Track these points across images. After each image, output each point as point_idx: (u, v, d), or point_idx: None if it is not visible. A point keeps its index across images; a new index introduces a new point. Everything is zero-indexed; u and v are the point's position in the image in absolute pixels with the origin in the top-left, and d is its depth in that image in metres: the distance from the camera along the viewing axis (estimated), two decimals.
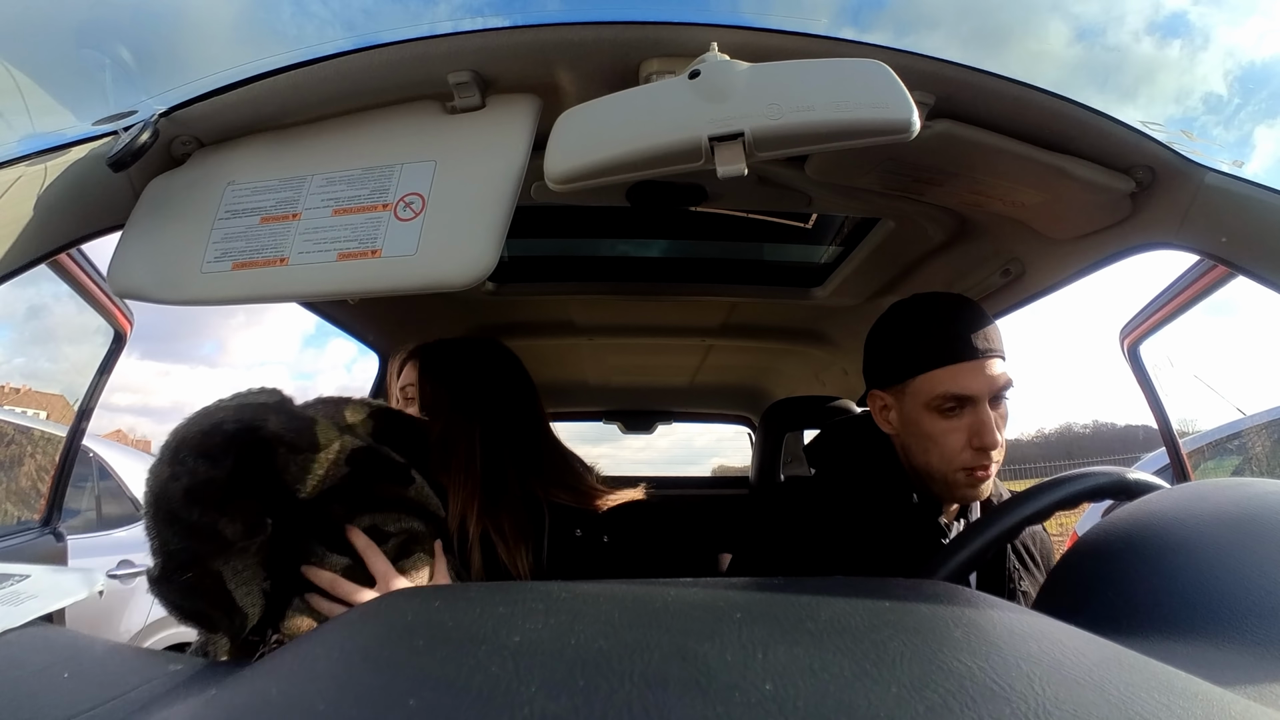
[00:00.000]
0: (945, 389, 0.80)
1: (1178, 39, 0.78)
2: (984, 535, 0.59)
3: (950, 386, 0.80)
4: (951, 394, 0.80)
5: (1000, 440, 0.79)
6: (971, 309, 0.84)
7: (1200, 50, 0.78)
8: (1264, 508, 0.35)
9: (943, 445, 0.81)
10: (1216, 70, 0.78)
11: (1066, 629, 0.25)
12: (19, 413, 2.93)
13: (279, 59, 0.72)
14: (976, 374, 0.79)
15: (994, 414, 0.80)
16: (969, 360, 0.79)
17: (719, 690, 0.19)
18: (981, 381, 0.79)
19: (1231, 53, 0.77)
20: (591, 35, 0.69)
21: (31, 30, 0.72)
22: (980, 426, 0.79)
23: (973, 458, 0.80)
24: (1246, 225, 0.76)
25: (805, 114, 0.53)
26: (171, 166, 0.79)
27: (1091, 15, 0.78)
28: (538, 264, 1.50)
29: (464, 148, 0.71)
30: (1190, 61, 0.79)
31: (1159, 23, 0.78)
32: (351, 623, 0.25)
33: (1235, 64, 0.77)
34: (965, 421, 0.80)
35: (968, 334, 0.81)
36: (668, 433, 2.89)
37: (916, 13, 0.76)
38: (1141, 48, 0.77)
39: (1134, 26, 0.77)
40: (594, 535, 0.88)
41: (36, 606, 0.35)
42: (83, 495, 2.65)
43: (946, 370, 0.80)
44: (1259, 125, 0.77)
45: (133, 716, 0.23)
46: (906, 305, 0.88)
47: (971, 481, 0.81)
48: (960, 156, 0.83)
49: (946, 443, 0.81)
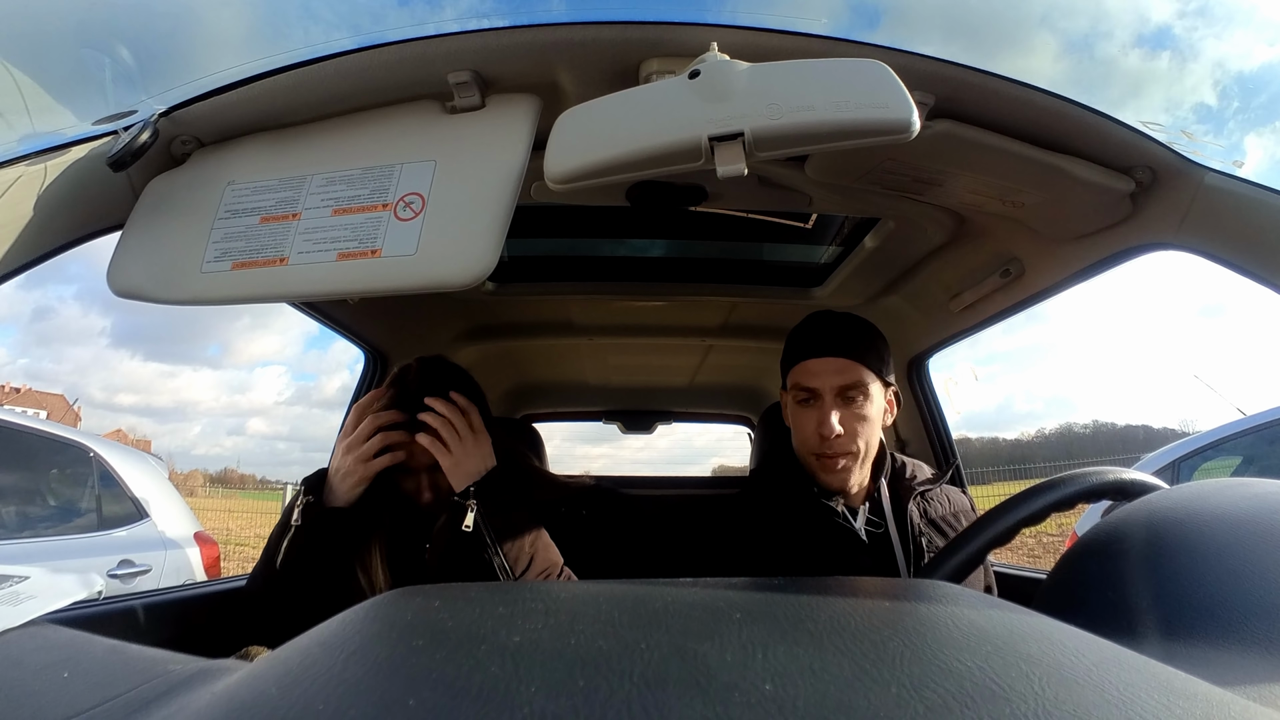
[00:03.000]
0: (796, 380, 0.94)
1: (1166, 50, 0.78)
2: (983, 535, 0.58)
3: (800, 378, 0.93)
4: (801, 385, 0.93)
5: (836, 432, 0.88)
6: (836, 320, 0.96)
7: (1189, 61, 0.78)
8: (1264, 508, 0.35)
9: (799, 432, 0.95)
10: (1205, 81, 0.79)
11: (1066, 629, 0.25)
12: (19, 412, 2.93)
13: (279, 59, 0.72)
14: (820, 369, 0.91)
15: (844, 410, 0.90)
16: (814, 357, 0.92)
17: (719, 690, 0.19)
18: (823, 376, 0.91)
19: (1220, 63, 0.78)
20: (591, 35, 0.69)
21: (31, 30, 0.72)
22: (821, 417, 0.90)
23: (819, 444, 0.91)
24: (1246, 225, 0.76)
25: (805, 114, 0.53)
26: (171, 166, 0.79)
27: (1079, 29, 0.78)
28: (538, 264, 1.50)
29: (464, 148, 0.71)
30: (1180, 72, 0.79)
31: (1146, 35, 0.78)
32: (351, 622, 0.25)
33: (1224, 73, 0.78)
34: (814, 412, 0.91)
35: (819, 336, 0.94)
36: (668, 433, 2.89)
37: (917, 12, 0.76)
38: (1129, 60, 0.77)
39: (1122, 40, 0.78)
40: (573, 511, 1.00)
41: (36, 606, 0.35)
42: (83, 495, 2.65)
43: (799, 365, 0.94)
44: (1248, 134, 0.78)
45: (133, 716, 0.23)
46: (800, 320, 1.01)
47: (824, 466, 0.92)
48: (960, 156, 0.83)
49: (800, 430, 0.94)
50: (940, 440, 1.59)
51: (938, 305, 1.38)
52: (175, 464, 42.54)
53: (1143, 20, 0.78)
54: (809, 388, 0.92)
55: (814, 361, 0.92)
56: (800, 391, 0.93)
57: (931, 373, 1.61)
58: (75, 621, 0.78)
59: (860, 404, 0.91)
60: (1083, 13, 0.78)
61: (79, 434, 2.82)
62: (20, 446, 2.57)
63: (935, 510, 0.98)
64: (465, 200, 0.67)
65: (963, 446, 1.71)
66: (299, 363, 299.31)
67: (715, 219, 1.24)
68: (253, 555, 8.36)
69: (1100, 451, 24.10)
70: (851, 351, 0.91)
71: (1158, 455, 3.34)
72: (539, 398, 2.52)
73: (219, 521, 10.92)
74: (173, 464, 33.49)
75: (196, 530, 2.95)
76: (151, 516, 2.75)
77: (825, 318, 0.97)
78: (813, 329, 0.96)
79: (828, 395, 0.90)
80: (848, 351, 0.91)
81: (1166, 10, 0.79)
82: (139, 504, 2.74)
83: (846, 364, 0.91)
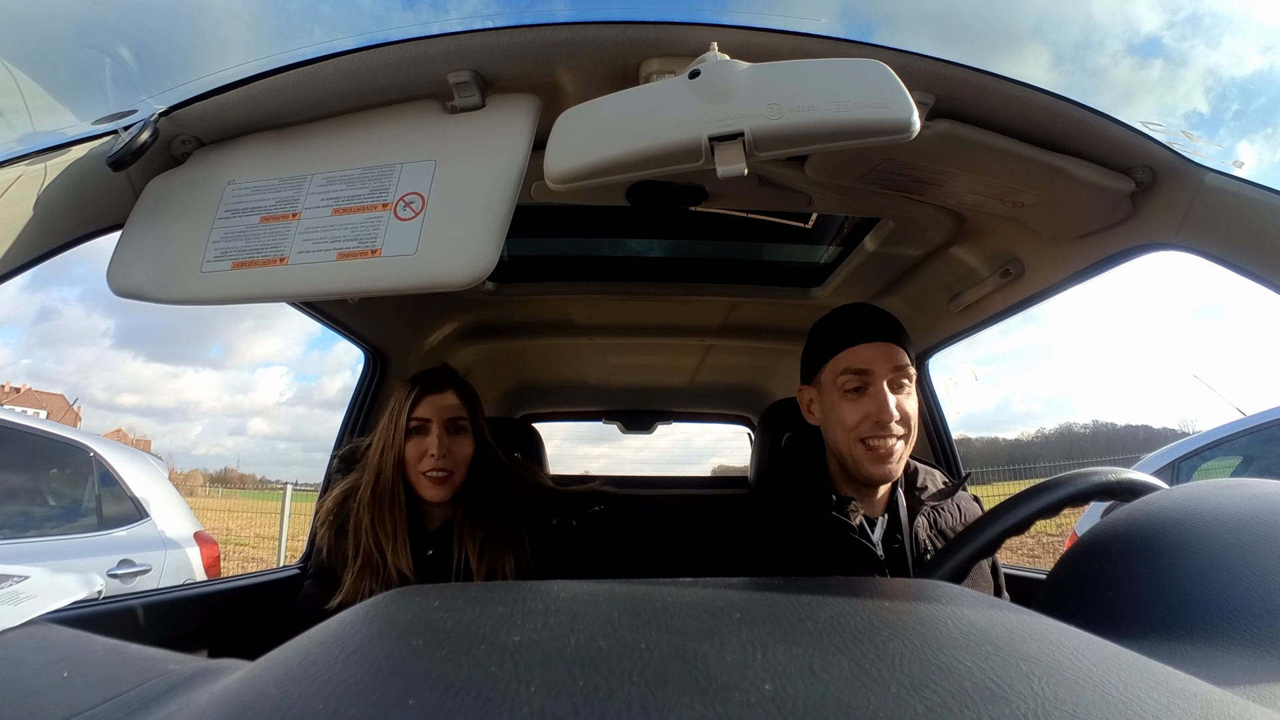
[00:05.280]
0: (845, 366, 0.91)
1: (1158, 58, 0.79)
2: (983, 535, 0.59)
3: (849, 362, 0.91)
4: (850, 369, 0.90)
5: (895, 415, 0.87)
6: (873, 309, 0.96)
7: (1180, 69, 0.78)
8: (1264, 509, 0.35)
9: (846, 421, 0.91)
10: (1197, 88, 0.79)
11: (1066, 629, 0.25)
12: (19, 412, 2.93)
13: (279, 58, 0.72)
14: (872, 352, 0.90)
15: (895, 397, 0.89)
16: (865, 342, 0.91)
17: (718, 690, 0.19)
18: (876, 358, 0.90)
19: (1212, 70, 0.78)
20: (591, 35, 0.69)
21: (31, 30, 0.72)
22: (877, 401, 0.88)
23: (871, 429, 0.88)
24: (1246, 226, 0.76)
25: (805, 114, 0.52)
26: (171, 166, 0.79)
27: (1070, 40, 0.78)
28: (538, 264, 1.50)
29: (464, 147, 0.71)
30: (1171, 80, 0.79)
31: (1138, 45, 0.78)
32: (351, 622, 0.25)
33: (1215, 81, 0.78)
34: (865, 398, 0.90)
35: (865, 322, 0.93)
36: (667, 433, 2.89)
37: (917, 13, 0.76)
38: (1120, 70, 0.77)
39: (1113, 49, 0.78)
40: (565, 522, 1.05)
41: (36, 606, 0.35)
42: (83, 495, 2.65)
43: (847, 352, 0.92)
44: (1240, 141, 0.78)
45: (133, 716, 0.23)
46: (827, 313, 1.00)
47: (874, 456, 0.89)
48: (960, 156, 0.83)
49: (848, 419, 0.90)
50: (940, 440, 1.59)
51: (938, 305, 1.38)
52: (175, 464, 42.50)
53: (1133, 31, 0.78)
54: (863, 370, 0.89)
55: (865, 347, 0.90)
56: (850, 377, 0.90)
57: (931, 373, 1.61)
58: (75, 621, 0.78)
59: (908, 388, 0.90)
60: (1073, 22, 0.78)
61: (79, 433, 2.81)
62: (20, 446, 2.57)
63: (945, 521, 0.96)
64: (465, 200, 0.67)
65: (963, 446, 1.71)
66: (301, 363, 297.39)
67: (715, 219, 1.24)
68: (253, 555, 8.34)
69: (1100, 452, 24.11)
70: (896, 337, 0.91)
71: (1158, 455, 3.34)
72: (539, 398, 2.53)
73: (219, 521, 10.91)
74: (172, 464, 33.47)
75: (196, 530, 2.94)
76: (151, 516, 2.75)
77: (860, 308, 0.96)
78: (854, 316, 0.94)
79: (883, 379, 0.89)
80: (893, 336, 0.91)
81: (1155, 21, 0.79)
82: (139, 504, 2.74)
83: (894, 348, 0.90)
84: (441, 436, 1.05)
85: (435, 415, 1.06)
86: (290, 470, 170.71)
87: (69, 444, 2.71)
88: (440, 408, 1.06)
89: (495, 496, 1.11)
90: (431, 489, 1.04)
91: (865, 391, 0.90)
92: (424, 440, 1.04)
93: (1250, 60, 0.79)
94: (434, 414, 1.06)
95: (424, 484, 1.04)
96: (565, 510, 1.13)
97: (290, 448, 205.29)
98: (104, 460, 2.73)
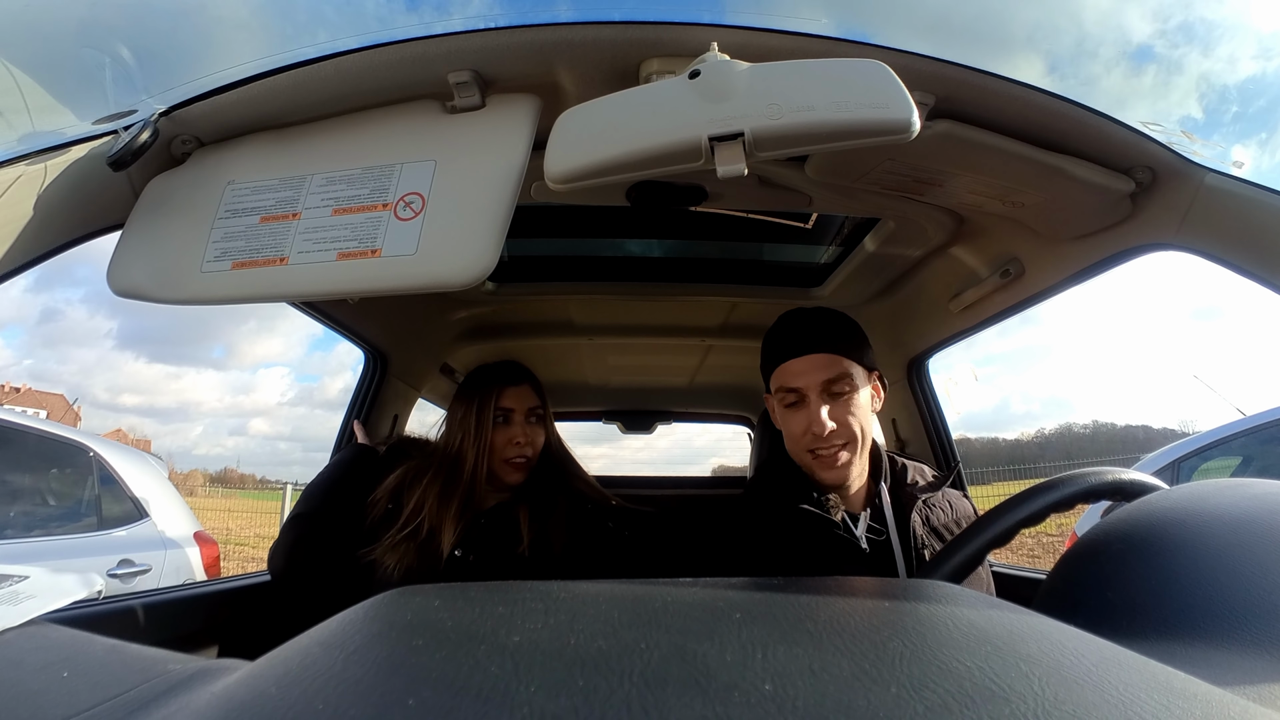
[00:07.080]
0: (779, 384, 0.92)
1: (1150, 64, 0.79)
2: (983, 535, 0.58)
3: (783, 381, 0.92)
4: (785, 387, 0.91)
5: (828, 428, 0.88)
6: (809, 317, 0.94)
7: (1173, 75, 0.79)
8: (1264, 509, 0.35)
9: (791, 434, 0.93)
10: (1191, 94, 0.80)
11: (1066, 629, 0.25)
12: (19, 411, 2.93)
13: (278, 58, 0.72)
14: (801, 369, 0.90)
15: (833, 404, 0.89)
16: (793, 357, 0.91)
17: (718, 690, 0.19)
18: (806, 375, 0.90)
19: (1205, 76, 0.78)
20: (591, 35, 0.69)
21: (31, 30, 0.72)
22: (811, 416, 0.89)
23: (812, 441, 0.90)
24: (1246, 226, 0.76)
25: (805, 114, 0.52)
26: (171, 166, 0.79)
27: (1063, 48, 0.78)
28: (538, 264, 1.50)
29: (464, 147, 0.71)
30: (1165, 86, 0.80)
31: (1130, 52, 0.78)
32: (351, 622, 0.25)
33: (1209, 87, 0.78)
34: (803, 412, 0.90)
35: (795, 336, 0.92)
36: (667, 433, 2.89)
37: (917, 13, 0.76)
38: (1113, 77, 0.77)
39: (1106, 57, 0.78)
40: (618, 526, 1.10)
41: (36, 606, 0.35)
42: (82, 495, 2.65)
43: (780, 368, 0.92)
44: (1235, 145, 0.78)
45: (133, 716, 0.23)
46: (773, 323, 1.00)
47: (822, 464, 0.90)
48: (960, 156, 0.83)
49: (792, 432, 0.92)
50: (940, 440, 1.58)
51: (938, 305, 1.38)
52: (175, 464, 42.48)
53: (1125, 39, 0.78)
54: (793, 388, 0.91)
55: (794, 362, 0.91)
56: (786, 394, 0.92)
57: (931, 373, 1.61)
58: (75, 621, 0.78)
59: (848, 395, 0.90)
60: (1066, 30, 0.79)
61: (79, 433, 2.81)
62: (20, 446, 2.57)
63: (938, 518, 0.96)
64: (465, 200, 0.67)
65: (962, 447, 1.71)
66: (303, 364, 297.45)
67: (715, 219, 1.24)
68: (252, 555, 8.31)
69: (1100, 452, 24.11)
70: (829, 345, 0.90)
71: (1158, 455, 3.34)
72: None
73: (219, 521, 10.92)
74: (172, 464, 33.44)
75: (196, 530, 2.94)
76: (151, 516, 2.75)
77: (796, 316, 0.96)
78: (786, 329, 0.94)
79: (813, 393, 0.89)
80: (825, 346, 0.90)
81: (1147, 29, 0.79)
82: (139, 503, 2.74)
83: (827, 359, 0.90)
84: (524, 426, 1.13)
85: (518, 406, 1.13)
86: (291, 470, 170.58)
87: (69, 444, 2.71)
88: (522, 398, 1.14)
89: (557, 481, 1.17)
90: (514, 474, 1.11)
91: (801, 405, 0.91)
92: (509, 430, 1.12)
93: (1244, 66, 0.79)
94: (517, 404, 1.13)
95: (507, 470, 1.11)
96: (620, 519, 1.16)
97: (291, 448, 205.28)
98: (104, 460, 2.73)
